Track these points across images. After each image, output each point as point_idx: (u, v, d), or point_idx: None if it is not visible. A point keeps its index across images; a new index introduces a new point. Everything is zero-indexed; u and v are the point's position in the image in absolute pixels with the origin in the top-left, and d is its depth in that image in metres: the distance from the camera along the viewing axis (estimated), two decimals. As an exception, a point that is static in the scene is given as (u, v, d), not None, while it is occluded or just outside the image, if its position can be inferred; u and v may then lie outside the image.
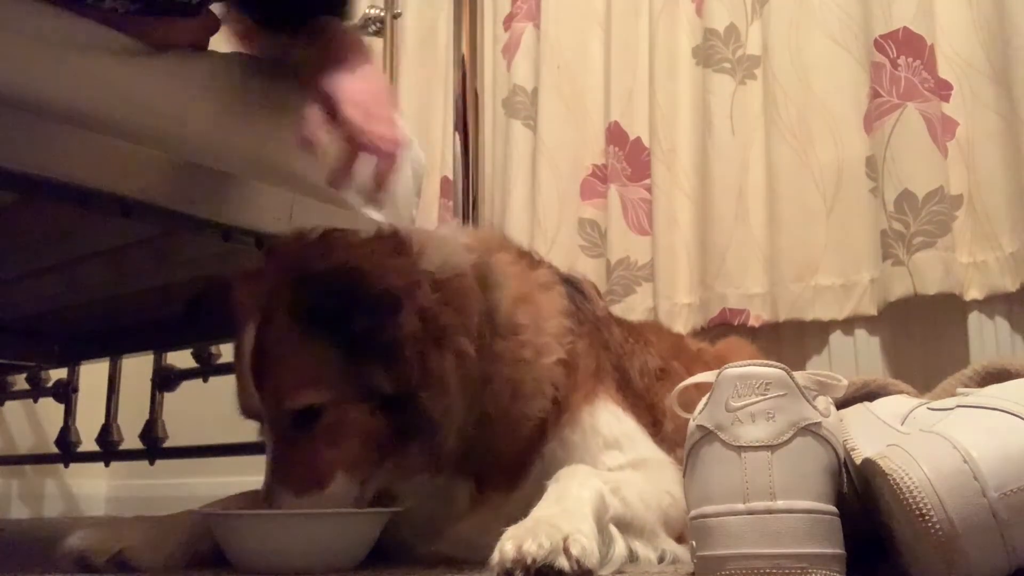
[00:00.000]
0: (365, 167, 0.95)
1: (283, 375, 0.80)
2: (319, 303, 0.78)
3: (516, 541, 0.64)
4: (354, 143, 0.95)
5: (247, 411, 0.84)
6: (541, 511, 0.72)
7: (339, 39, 1.08)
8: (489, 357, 0.85)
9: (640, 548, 0.80)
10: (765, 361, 0.65)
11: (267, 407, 0.81)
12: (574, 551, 0.64)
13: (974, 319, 1.55)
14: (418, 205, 1.29)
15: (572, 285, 1.00)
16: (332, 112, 0.95)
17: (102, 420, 2.07)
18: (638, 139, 1.94)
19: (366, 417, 0.80)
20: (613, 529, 0.77)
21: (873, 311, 1.64)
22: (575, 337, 0.91)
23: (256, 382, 0.81)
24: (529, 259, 0.98)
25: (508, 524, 0.68)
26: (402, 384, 0.79)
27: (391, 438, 0.81)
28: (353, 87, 0.96)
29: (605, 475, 0.83)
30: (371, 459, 0.81)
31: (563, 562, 0.63)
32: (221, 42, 1.20)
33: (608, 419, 0.91)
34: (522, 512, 0.71)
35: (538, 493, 0.76)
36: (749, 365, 0.65)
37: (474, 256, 0.89)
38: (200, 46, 1.12)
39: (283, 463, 0.80)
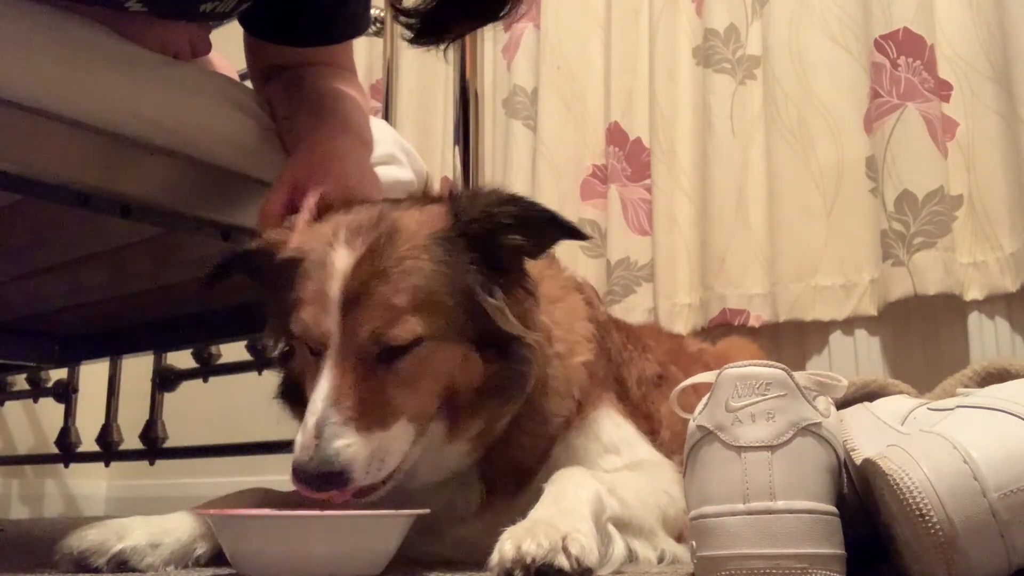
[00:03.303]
0: None
1: (391, 300, 0.76)
2: (487, 216, 0.80)
3: (515, 541, 0.64)
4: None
5: (310, 336, 0.78)
6: (539, 512, 0.72)
7: (332, 105, 1.08)
8: None
9: (639, 547, 0.80)
10: (765, 361, 0.65)
11: (349, 331, 0.76)
12: (573, 550, 0.64)
13: (974, 319, 1.56)
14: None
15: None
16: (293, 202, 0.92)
17: (102, 420, 2.08)
18: (638, 139, 1.94)
19: (455, 361, 0.79)
20: (612, 529, 0.77)
21: (873, 311, 1.64)
22: (595, 343, 0.92)
23: (345, 305, 0.76)
24: (556, 263, 0.99)
25: None
26: (515, 321, 0.80)
27: (466, 393, 0.80)
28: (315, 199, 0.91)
29: (602, 476, 0.83)
30: (432, 413, 0.79)
31: (562, 561, 0.63)
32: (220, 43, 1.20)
33: (608, 425, 0.91)
34: (524, 517, 0.71)
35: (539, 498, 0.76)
36: (749, 365, 0.65)
37: None
38: (198, 48, 1.12)
39: (345, 392, 0.74)
